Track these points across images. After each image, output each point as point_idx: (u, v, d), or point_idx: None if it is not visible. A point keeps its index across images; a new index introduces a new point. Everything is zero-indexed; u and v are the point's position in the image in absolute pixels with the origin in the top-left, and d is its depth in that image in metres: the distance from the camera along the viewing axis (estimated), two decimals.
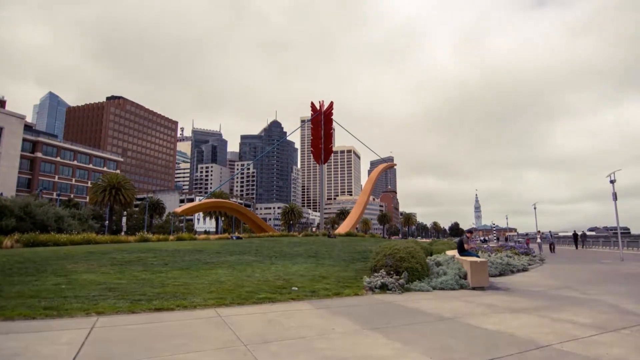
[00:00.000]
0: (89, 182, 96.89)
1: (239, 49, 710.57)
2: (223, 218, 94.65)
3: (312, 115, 57.63)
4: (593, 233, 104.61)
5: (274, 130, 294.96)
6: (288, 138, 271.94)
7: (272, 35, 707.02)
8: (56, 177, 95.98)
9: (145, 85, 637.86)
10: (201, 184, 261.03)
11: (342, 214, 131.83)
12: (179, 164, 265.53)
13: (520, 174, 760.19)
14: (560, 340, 6.03)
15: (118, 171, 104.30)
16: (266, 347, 5.61)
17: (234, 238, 33.87)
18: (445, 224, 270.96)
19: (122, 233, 76.31)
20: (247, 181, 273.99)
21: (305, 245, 23.64)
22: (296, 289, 10.66)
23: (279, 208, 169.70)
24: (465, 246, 14.94)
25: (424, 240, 65.61)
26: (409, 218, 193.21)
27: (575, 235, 45.99)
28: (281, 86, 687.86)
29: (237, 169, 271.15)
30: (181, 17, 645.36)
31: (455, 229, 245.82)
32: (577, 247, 43.85)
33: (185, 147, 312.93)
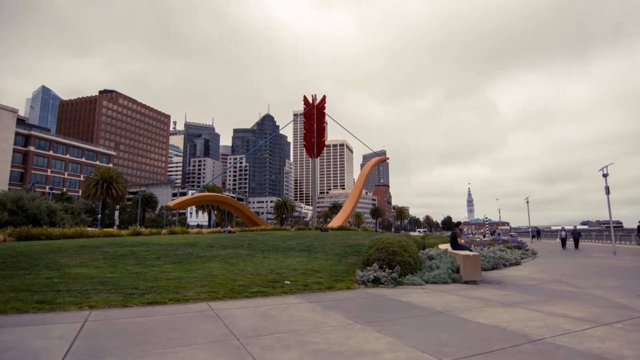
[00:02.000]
0: (82, 175, 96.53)
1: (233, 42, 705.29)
2: (216, 212, 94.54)
3: (304, 109, 57.41)
4: (585, 227, 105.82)
5: (267, 124, 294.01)
6: (281, 132, 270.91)
7: (269, 31, 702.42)
8: (49, 170, 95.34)
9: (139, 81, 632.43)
10: (194, 177, 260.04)
11: (335, 208, 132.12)
12: (171, 157, 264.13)
13: None
14: (553, 334, 6.07)
15: (111, 165, 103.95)
16: (259, 341, 5.61)
17: (226, 232, 33.73)
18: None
19: (115, 227, 76.08)
20: (240, 175, 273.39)
21: (297, 239, 23.59)
22: (289, 282, 10.67)
23: (271, 202, 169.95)
24: (459, 240, 14.87)
25: (417, 233, 65.91)
26: (401, 212, 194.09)
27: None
28: (274, 79, 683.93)
29: (230, 163, 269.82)
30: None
31: (448, 223, 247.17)
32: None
33: (177, 141, 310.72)
